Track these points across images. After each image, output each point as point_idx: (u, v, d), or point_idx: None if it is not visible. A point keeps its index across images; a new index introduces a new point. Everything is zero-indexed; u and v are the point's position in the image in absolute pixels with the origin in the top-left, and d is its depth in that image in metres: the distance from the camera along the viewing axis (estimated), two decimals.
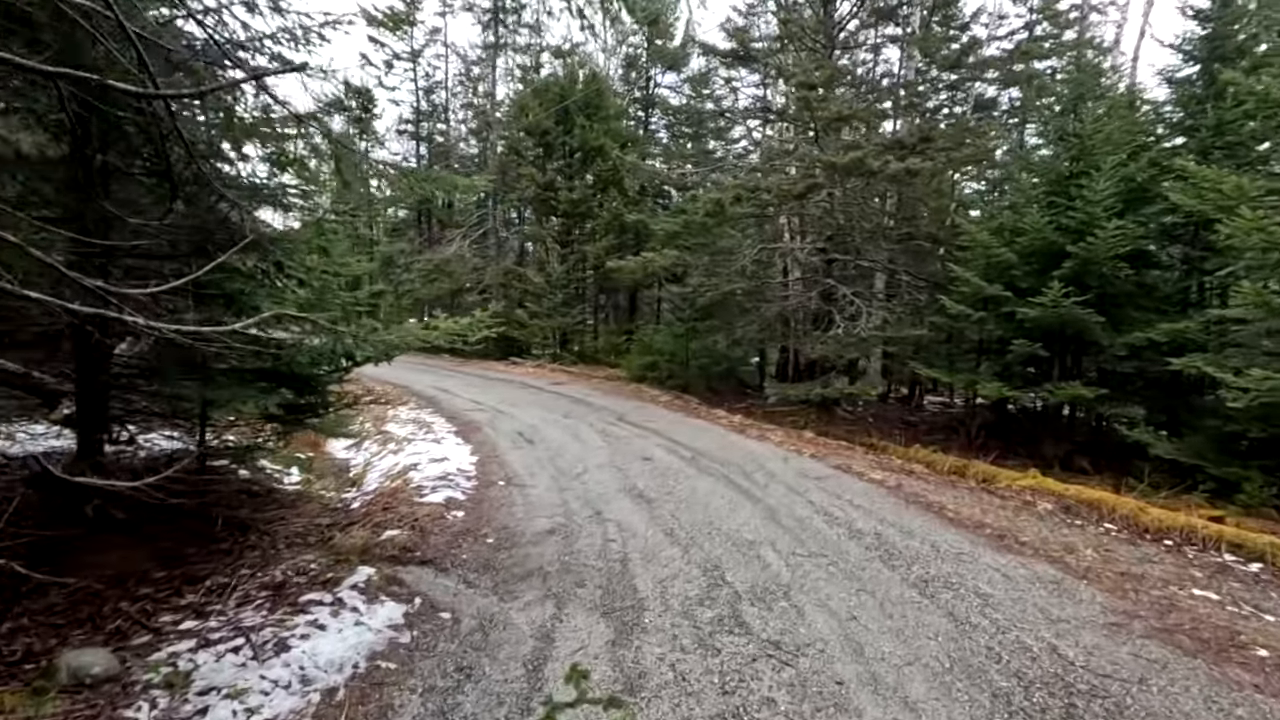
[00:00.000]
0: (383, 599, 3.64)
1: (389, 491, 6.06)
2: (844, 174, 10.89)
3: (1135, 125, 9.53)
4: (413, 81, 28.21)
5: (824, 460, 7.82)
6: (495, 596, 3.86)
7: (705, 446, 8.32)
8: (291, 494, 6.96)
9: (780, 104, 16.19)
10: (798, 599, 3.90)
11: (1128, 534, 5.53)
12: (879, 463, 8.01)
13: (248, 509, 5.85)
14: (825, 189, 11.51)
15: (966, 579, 4.25)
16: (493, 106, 24.42)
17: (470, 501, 5.76)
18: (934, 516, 5.70)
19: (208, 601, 3.74)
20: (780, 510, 5.69)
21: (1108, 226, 7.88)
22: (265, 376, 4.50)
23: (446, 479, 6.35)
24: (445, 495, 5.80)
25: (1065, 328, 8.74)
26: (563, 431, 9.05)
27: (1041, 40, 17.26)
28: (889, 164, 10.28)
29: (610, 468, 7.10)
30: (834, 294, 12.37)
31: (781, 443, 8.82)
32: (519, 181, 21.39)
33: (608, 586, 4.02)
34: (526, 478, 6.64)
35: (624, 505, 5.74)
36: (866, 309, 11.29)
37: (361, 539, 4.54)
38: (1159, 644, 3.46)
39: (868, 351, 13.90)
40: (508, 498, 5.92)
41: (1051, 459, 9.11)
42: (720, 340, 15.15)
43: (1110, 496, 6.54)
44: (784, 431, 9.87)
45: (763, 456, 7.87)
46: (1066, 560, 4.71)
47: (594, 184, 20.09)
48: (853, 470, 7.33)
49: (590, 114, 20.17)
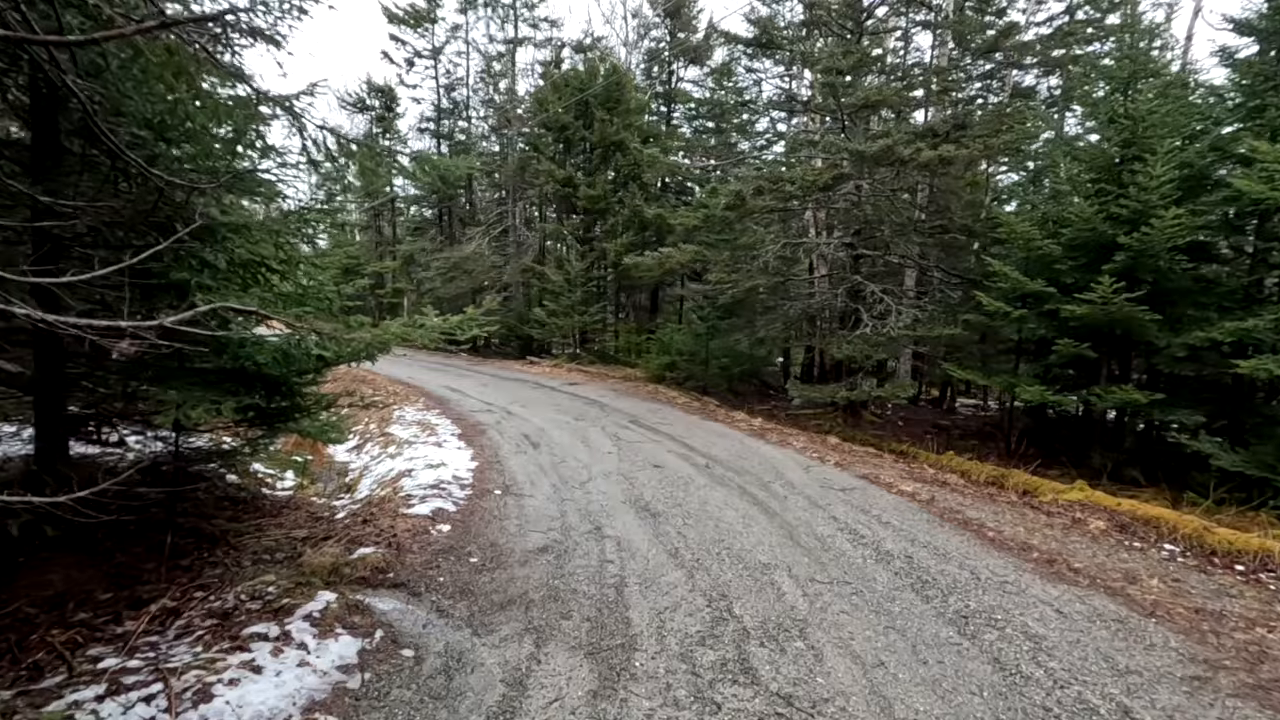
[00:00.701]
0: (338, 632, 3.19)
1: (377, 501, 5.65)
2: (872, 164, 10.27)
3: (1193, 107, 8.77)
4: (434, 79, 28.01)
5: (849, 469, 7.24)
6: (469, 629, 3.40)
7: (721, 453, 7.79)
8: (281, 500, 6.61)
9: (806, 95, 15.55)
10: (815, 638, 3.37)
11: (1194, 558, 4.88)
12: (909, 472, 7.40)
13: (225, 518, 5.49)
14: (852, 180, 10.88)
15: (1013, 615, 3.68)
16: (513, 103, 24.09)
17: (461, 513, 5.31)
18: (972, 536, 5.11)
19: (147, 630, 3.34)
20: (799, 527, 5.15)
21: (1165, 215, 7.17)
22: (228, 377, 4.11)
23: (439, 487, 5.92)
24: (434, 506, 5.37)
25: (1115, 327, 8.03)
26: (571, 435, 8.59)
27: (1084, 24, 16.35)
28: (920, 152, 9.63)
29: (617, 476, 6.62)
30: (862, 291, 11.75)
31: (804, 449, 8.25)
32: (538, 178, 21.02)
33: (597, 619, 3.53)
34: (526, 486, 6.18)
35: (627, 519, 5.25)
36: (896, 307, 10.64)
37: (332, 557, 4.11)
38: (1256, 707, 2.86)
39: (897, 352, 13.23)
40: (502, 509, 5.47)
41: (1099, 469, 8.41)
42: (742, 340, 14.58)
43: (1169, 513, 5.88)
44: (807, 437, 9.29)
45: (783, 464, 7.32)
46: (1129, 592, 4.10)
47: (614, 179, 19.64)
48: (880, 481, 6.75)
49: (610, 108, 19.71)
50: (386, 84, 30.09)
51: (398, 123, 31.71)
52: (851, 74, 11.11)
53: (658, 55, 24.87)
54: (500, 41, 25.11)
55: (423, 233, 30.64)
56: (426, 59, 27.86)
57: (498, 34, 26.21)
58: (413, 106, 31.27)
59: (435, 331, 4.81)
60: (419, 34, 27.19)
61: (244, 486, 6.60)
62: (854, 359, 11.03)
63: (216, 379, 4.10)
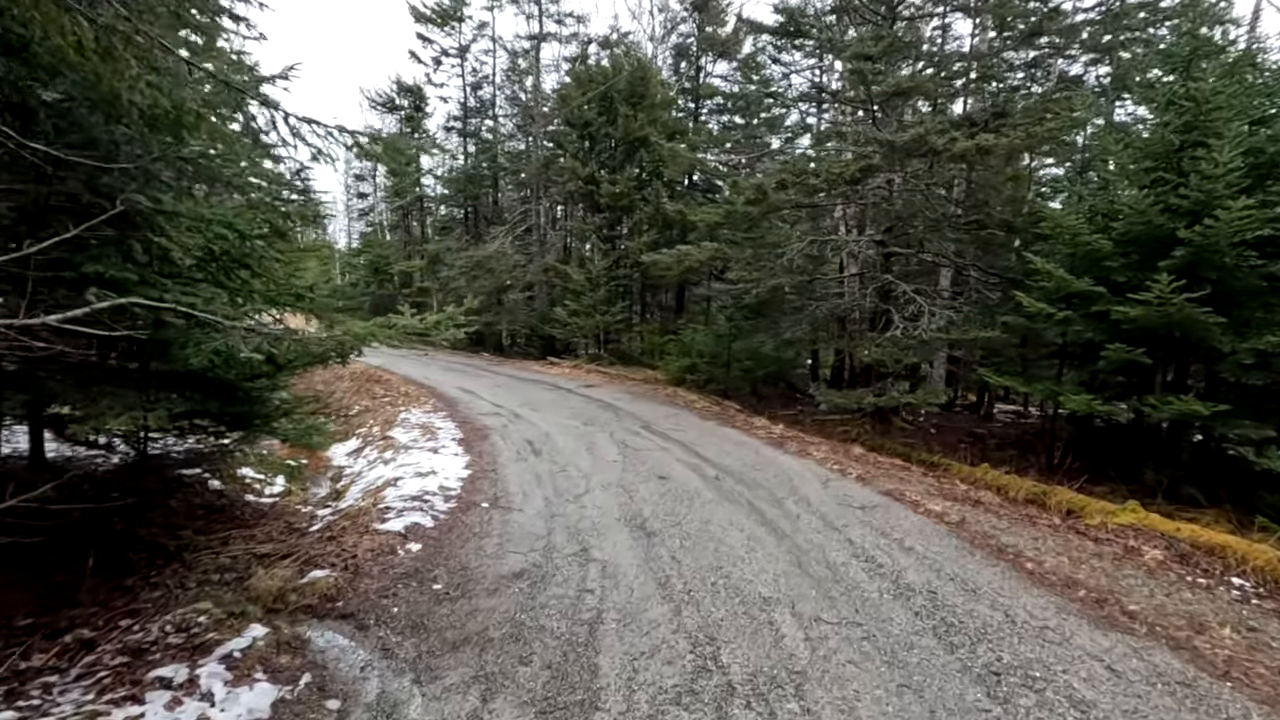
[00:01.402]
0: (256, 677, 2.78)
1: (352, 513, 5.26)
2: (904, 154, 9.60)
3: (1261, 88, 7.93)
4: (460, 78, 27.90)
5: (872, 484, 6.64)
6: (410, 675, 2.96)
7: (734, 463, 7.25)
8: (263, 508, 6.29)
9: (836, 86, 14.87)
10: (814, 697, 2.84)
11: (1271, 599, 4.21)
12: (939, 488, 6.77)
13: (194, 528, 5.15)
14: (883, 173, 10.22)
15: (1055, 673, 3.10)
16: (538, 100, 23.79)
17: (437, 530, 4.89)
18: (1007, 567, 4.50)
19: (55, 665, 2.97)
20: (810, 553, 4.60)
21: (1232, 206, 6.40)
22: (167, 381, 3.74)
23: (422, 499, 5.51)
24: (410, 521, 4.96)
25: (1173, 330, 7.26)
26: (577, 441, 8.14)
27: (1136, 8, 15.33)
28: (955, 142, 8.94)
29: (617, 488, 6.14)
30: (893, 291, 11.07)
31: (825, 460, 7.67)
32: (561, 175, 20.67)
33: (560, 665, 3.06)
34: (517, 499, 5.74)
35: (619, 540, 4.77)
36: (929, 307, 9.95)
37: (281, 580, 3.71)
38: None
39: (930, 355, 12.51)
40: (484, 525, 5.03)
41: (1152, 486, 7.63)
42: (767, 341, 13.96)
43: (1237, 541, 5.17)
44: (830, 446, 8.68)
45: (800, 477, 6.75)
46: (1196, 644, 3.47)
47: (638, 176, 19.18)
48: (906, 498, 6.14)
49: (635, 103, 19.25)
50: (416, 84, 30.11)
51: (426, 123, 31.78)
52: (882, 60, 10.44)
53: (685, 51, 24.34)
54: (525, 38, 24.79)
55: (449, 232, 30.59)
56: (453, 58, 27.76)
57: (522, 29, 26.01)
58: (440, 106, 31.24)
59: (405, 331, 4.40)
60: (446, 32, 27.10)
61: (224, 493, 6.30)
62: (883, 363, 10.37)
63: (158, 383, 3.75)
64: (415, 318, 4.66)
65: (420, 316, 4.69)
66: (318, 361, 4.59)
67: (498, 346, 24.46)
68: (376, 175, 38.22)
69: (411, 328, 4.51)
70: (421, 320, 4.62)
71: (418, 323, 4.59)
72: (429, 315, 4.77)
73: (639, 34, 25.05)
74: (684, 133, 20.59)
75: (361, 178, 40.80)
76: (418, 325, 4.54)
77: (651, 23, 25.04)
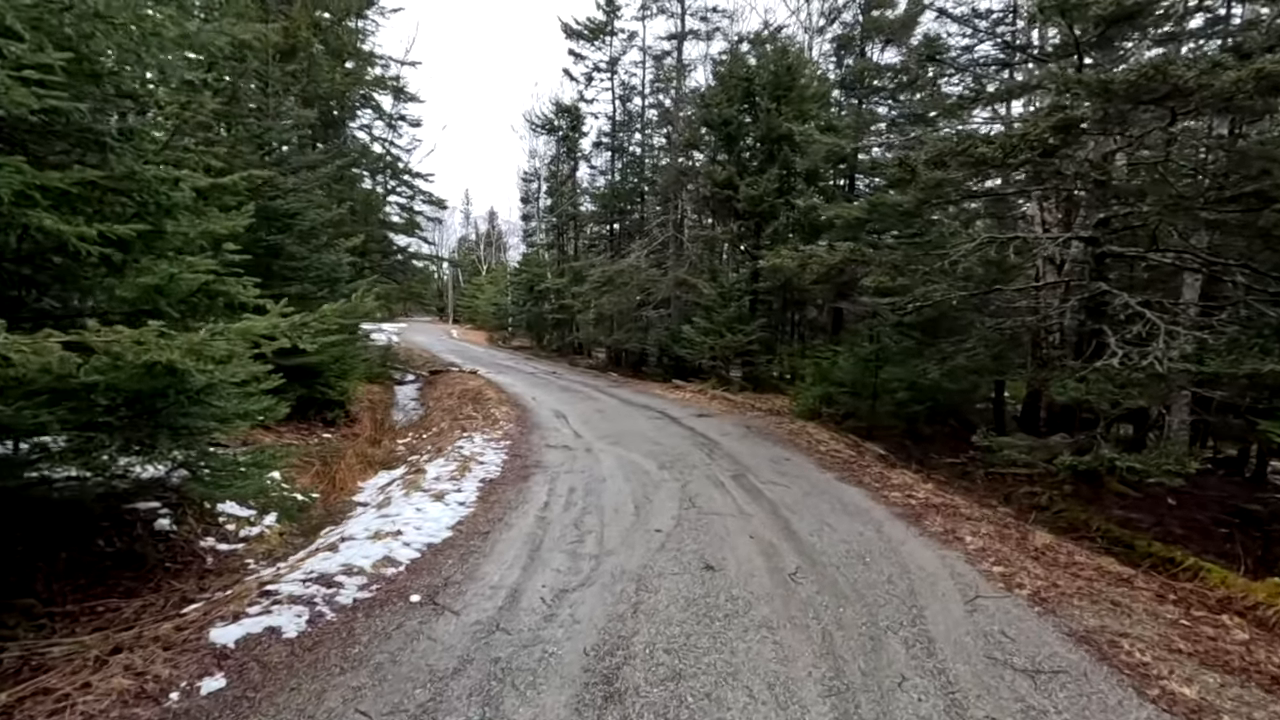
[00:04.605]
0: None
1: (228, 599, 3.76)
2: (1127, 102, 6.58)
3: None
4: (610, 91, 27.35)
5: (1059, 612, 3.97)
6: None
7: (834, 549, 4.90)
8: (220, 555, 5.12)
9: (1022, 40, 11.62)
10: None
11: None
12: (1189, 629, 3.91)
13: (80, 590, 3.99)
14: (1091, 133, 7.22)
15: None
16: (678, 102, 22.32)
17: (302, 642, 3.21)
18: None
19: None
20: None
21: None
22: None
23: (334, 579, 3.90)
24: (291, 616, 3.35)
25: None
26: (633, 494, 6.20)
27: None
28: (1218, 72, 5.86)
29: (629, 582, 4.12)
30: (1107, 304, 7.92)
31: (982, 553, 5.02)
32: (696, 180, 18.94)
33: None
34: (469, 592, 3.93)
35: (553, 706, 2.78)
36: (1166, 327, 6.77)
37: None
38: None
39: (1165, 397, 8.94)
40: (373, 641, 3.27)
41: None
42: (931, 369, 11.01)
43: None
44: (996, 527, 5.89)
45: (931, 586, 4.27)
46: None
47: (780, 178, 16.88)
48: (1122, 654, 3.46)
49: (779, 96, 17.05)
50: (573, 103, 30.09)
51: (581, 141, 31.74)
52: None
53: (848, 41, 21.60)
54: (665, 37, 23.53)
55: (595, 249, 30.20)
56: (604, 72, 27.34)
57: (664, 29, 24.93)
58: (592, 123, 31.02)
59: (249, 335, 2.80)
60: (596, 47, 26.72)
61: (171, 534, 5.17)
62: (1088, 403, 7.27)
63: None
64: (276, 315, 3.08)
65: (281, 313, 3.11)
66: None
67: (635, 366, 23.15)
68: (540, 198, 39.17)
69: (251, 331, 2.94)
70: (272, 322, 3.04)
71: (269, 323, 3.02)
72: (311, 313, 3.19)
73: (793, 26, 22.70)
74: (838, 129, 17.93)
75: (526, 200, 42.18)
76: (258, 329, 2.96)
77: (808, 12, 22.60)
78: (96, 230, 2.97)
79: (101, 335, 2.51)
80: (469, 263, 63.55)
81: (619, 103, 27.77)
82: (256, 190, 9.12)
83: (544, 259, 36.25)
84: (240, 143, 9.67)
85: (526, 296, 35.81)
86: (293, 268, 9.66)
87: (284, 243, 9.58)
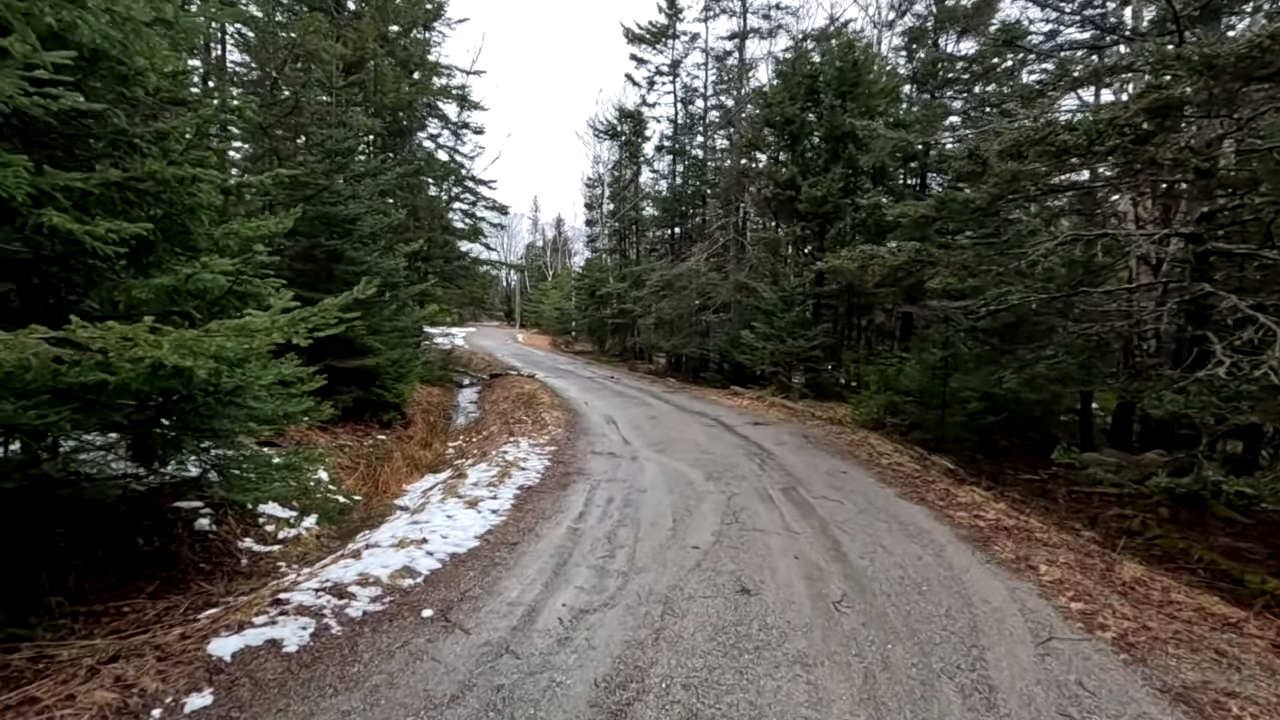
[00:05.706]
0: None
1: (239, 605, 3.68)
2: (1235, 77, 5.84)
3: None
4: (671, 94, 27.14)
5: (1149, 660, 3.43)
6: None
7: (887, 574, 4.46)
8: (256, 556, 5.14)
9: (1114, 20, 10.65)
10: None
11: None
12: None
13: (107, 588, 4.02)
14: (1193, 116, 6.46)
15: None
16: (739, 101, 21.83)
17: (299, 657, 3.06)
18: None
19: None
20: None
21: None
22: None
23: (347, 590, 3.77)
24: (293, 628, 3.23)
25: None
26: (675, 507, 5.89)
27: None
28: None
29: (655, 604, 3.82)
30: (1211, 308, 7.10)
31: (1059, 585, 4.46)
32: (757, 181, 18.45)
33: None
34: (484, 609, 3.72)
35: None
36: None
37: None
38: None
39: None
40: (375, 660, 3.09)
41: None
42: (1008, 377, 10.20)
43: None
44: (1076, 554, 5.26)
45: (996, 623, 3.78)
46: None
47: (844, 177, 16.21)
48: (1230, 718, 2.92)
49: (844, 92, 16.40)
50: (636, 109, 30.03)
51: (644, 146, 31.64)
52: None
53: (920, 34, 20.62)
54: (727, 36, 23.08)
55: (657, 252, 30.03)
56: (665, 76, 27.16)
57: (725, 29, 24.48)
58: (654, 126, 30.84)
59: (178, 346, 2.69)
60: (657, 50, 26.57)
61: (210, 535, 5.21)
62: (1187, 417, 6.48)
63: None
64: (240, 319, 2.96)
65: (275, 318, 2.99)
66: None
67: (694, 372, 22.76)
68: (603, 203, 39.34)
69: (186, 341, 2.82)
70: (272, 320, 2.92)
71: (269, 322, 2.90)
72: (280, 316, 3.05)
73: (861, 21, 21.91)
74: (906, 125, 17.09)
75: (590, 206, 42.46)
76: (186, 340, 2.83)
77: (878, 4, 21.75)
78: (104, 229, 2.91)
79: (87, 331, 2.42)
80: (536, 268, 64.65)
81: (681, 105, 27.51)
82: (316, 195, 9.34)
83: (606, 263, 36.31)
84: (301, 151, 9.93)
85: (589, 301, 35.95)
86: (353, 271, 9.81)
87: (343, 248, 9.77)
